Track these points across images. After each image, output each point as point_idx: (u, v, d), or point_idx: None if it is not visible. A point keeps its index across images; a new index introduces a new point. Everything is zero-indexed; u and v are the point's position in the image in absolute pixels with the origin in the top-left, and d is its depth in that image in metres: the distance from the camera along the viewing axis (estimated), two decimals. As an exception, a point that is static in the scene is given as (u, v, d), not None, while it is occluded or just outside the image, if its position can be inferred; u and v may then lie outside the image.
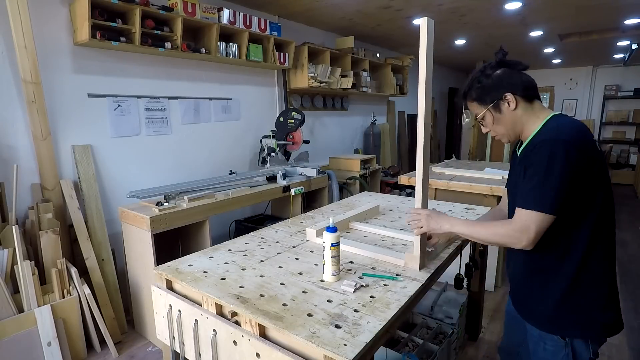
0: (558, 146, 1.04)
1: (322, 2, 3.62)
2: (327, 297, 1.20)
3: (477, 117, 1.27)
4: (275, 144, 3.60)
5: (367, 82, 5.00)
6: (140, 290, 2.47)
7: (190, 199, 2.47)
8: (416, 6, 3.83)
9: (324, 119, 5.01)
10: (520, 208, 1.10)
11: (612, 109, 8.28)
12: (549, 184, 1.04)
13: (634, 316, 2.78)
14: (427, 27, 1.21)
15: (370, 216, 2.12)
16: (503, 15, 4.21)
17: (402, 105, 6.80)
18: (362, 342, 0.96)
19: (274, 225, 2.00)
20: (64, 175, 2.55)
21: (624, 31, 4.81)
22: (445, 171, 3.50)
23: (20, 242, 2.04)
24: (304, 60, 4.03)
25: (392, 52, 6.25)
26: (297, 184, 3.24)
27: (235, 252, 1.61)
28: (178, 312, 1.33)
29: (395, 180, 5.10)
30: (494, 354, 2.33)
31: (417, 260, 1.41)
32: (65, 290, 2.22)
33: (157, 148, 3.11)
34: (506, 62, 1.22)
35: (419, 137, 1.30)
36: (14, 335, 1.99)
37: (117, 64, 2.79)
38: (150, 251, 2.24)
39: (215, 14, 3.14)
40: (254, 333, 1.12)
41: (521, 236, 1.09)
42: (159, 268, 1.44)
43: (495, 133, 1.28)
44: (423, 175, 1.33)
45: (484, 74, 1.22)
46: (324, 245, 1.29)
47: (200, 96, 3.40)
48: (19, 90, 2.32)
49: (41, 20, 2.38)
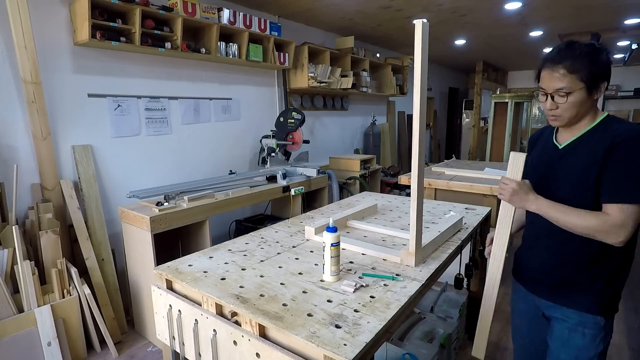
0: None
1: (322, 2, 3.62)
2: (327, 297, 1.20)
3: (562, 89, 1.16)
4: (275, 144, 3.60)
5: (367, 82, 5.00)
6: (140, 290, 2.47)
7: (190, 199, 2.47)
8: (416, 6, 3.83)
9: (324, 119, 5.01)
10: (617, 203, 1.09)
11: (612, 109, 8.28)
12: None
13: (634, 317, 2.78)
14: (421, 29, 1.21)
15: (368, 214, 2.12)
16: (503, 15, 4.21)
17: (402, 105, 6.80)
18: (362, 342, 0.96)
19: (274, 225, 2.00)
20: (64, 175, 2.55)
21: (624, 31, 4.81)
22: (445, 171, 3.50)
23: (20, 242, 2.04)
24: (304, 60, 4.03)
25: (392, 52, 6.25)
26: (297, 184, 3.24)
27: (235, 252, 1.61)
28: (178, 312, 1.33)
29: (395, 180, 5.10)
30: (494, 353, 2.33)
31: (413, 257, 1.41)
32: (65, 290, 2.22)
33: (157, 148, 3.11)
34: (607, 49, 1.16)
35: (414, 138, 1.30)
36: (14, 335, 1.99)
37: (117, 64, 2.79)
38: (150, 251, 2.24)
39: (215, 14, 3.14)
40: (254, 333, 1.12)
41: (619, 231, 1.08)
42: (159, 268, 1.44)
43: (561, 112, 1.20)
44: (418, 174, 1.34)
45: (594, 51, 1.14)
46: (324, 245, 1.29)
47: (200, 96, 3.40)
48: (19, 90, 2.32)
49: (41, 20, 2.38)
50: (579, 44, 1.15)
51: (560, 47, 1.19)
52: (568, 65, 1.14)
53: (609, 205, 1.10)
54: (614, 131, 1.13)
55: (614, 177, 1.10)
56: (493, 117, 5.85)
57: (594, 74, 1.13)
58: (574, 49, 1.15)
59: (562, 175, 1.23)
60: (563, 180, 1.23)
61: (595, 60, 1.13)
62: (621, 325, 2.66)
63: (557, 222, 1.18)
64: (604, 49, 1.16)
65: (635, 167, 1.07)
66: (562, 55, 1.16)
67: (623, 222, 1.07)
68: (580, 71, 1.13)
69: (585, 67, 1.13)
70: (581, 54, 1.13)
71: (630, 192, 1.07)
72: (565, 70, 1.14)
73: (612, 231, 1.08)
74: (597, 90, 1.15)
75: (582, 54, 1.13)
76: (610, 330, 1.24)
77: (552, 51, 1.20)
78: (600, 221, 1.10)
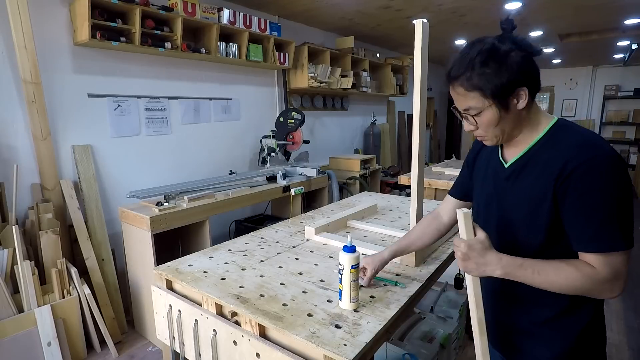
0: (611, 165, 0.83)
1: (322, 2, 3.62)
2: (327, 297, 1.20)
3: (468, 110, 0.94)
4: (275, 144, 3.60)
5: (367, 82, 5.00)
6: (140, 290, 2.47)
7: (190, 199, 2.47)
8: (416, 6, 3.83)
9: (324, 119, 5.01)
10: (595, 253, 0.85)
11: (612, 109, 8.27)
12: (622, 215, 0.83)
13: (633, 316, 2.78)
14: (421, 29, 1.21)
15: (368, 214, 2.12)
16: (503, 15, 4.20)
17: (402, 105, 6.80)
18: (362, 342, 0.96)
19: (274, 225, 2.00)
20: (64, 175, 2.55)
21: (624, 31, 4.81)
22: (445, 171, 3.50)
23: (20, 242, 2.04)
24: (304, 60, 4.03)
25: (392, 52, 6.25)
26: (297, 184, 3.24)
27: (235, 252, 1.61)
28: (178, 312, 1.33)
29: (395, 180, 5.10)
30: (494, 354, 2.32)
31: (413, 257, 1.41)
32: (65, 290, 2.22)
33: (157, 148, 3.11)
34: (520, 42, 0.90)
35: (414, 138, 1.31)
36: (14, 335, 1.99)
37: (117, 64, 2.79)
38: (150, 251, 2.24)
39: (215, 14, 3.14)
40: (254, 333, 1.12)
41: (613, 287, 0.85)
42: (159, 268, 1.44)
43: (483, 133, 0.97)
44: (418, 175, 1.33)
45: (493, 55, 0.88)
46: (341, 268, 1.11)
47: (200, 96, 3.40)
48: (19, 90, 2.32)
49: (41, 20, 2.38)
50: (474, 50, 0.91)
51: (455, 56, 0.95)
52: (464, 83, 0.91)
53: (586, 254, 0.86)
54: (563, 149, 0.89)
55: (580, 221, 0.86)
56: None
57: (500, 86, 0.88)
58: (467, 59, 0.91)
59: (509, 205, 0.99)
60: (512, 212, 0.98)
61: (498, 67, 0.88)
62: (621, 325, 2.66)
63: (534, 285, 0.90)
64: (516, 42, 0.89)
65: (602, 201, 0.83)
66: (456, 69, 0.93)
67: (614, 275, 0.84)
68: (481, 87, 0.89)
69: (480, 77, 0.89)
70: (476, 64, 0.89)
71: (607, 237, 0.83)
72: (462, 88, 0.92)
73: (605, 288, 0.86)
74: (518, 100, 0.90)
75: (477, 63, 0.89)
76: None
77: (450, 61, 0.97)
78: (588, 279, 0.85)
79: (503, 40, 0.90)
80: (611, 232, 0.83)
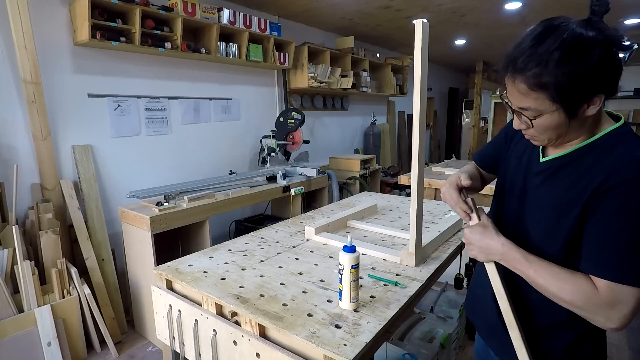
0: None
1: (322, 2, 3.62)
2: (327, 297, 1.20)
3: (525, 110, 0.78)
4: (275, 144, 3.60)
5: (367, 82, 5.00)
6: (140, 290, 2.47)
7: (190, 199, 2.47)
8: (416, 6, 3.83)
9: (324, 119, 5.01)
10: (603, 279, 0.75)
11: (612, 109, 8.20)
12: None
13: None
14: (421, 29, 1.20)
15: (368, 214, 2.12)
16: (503, 15, 4.21)
17: (402, 105, 6.80)
18: (362, 342, 0.96)
19: (274, 225, 2.00)
20: (64, 175, 2.55)
21: (624, 31, 4.81)
22: (445, 171, 3.50)
23: (20, 242, 2.04)
24: (304, 60, 4.03)
25: (392, 52, 6.25)
26: (297, 184, 3.24)
27: (235, 252, 1.61)
28: (178, 312, 1.33)
29: (395, 180, 5.10)
30: (494, 354, 2.32)
31: (413, 257, 1.41)
32: (65, 290, 2.22)
33: (157, 148, 3.11)
34: (610, 34, 0.72)
35: (414, 138, 1.30)
36: (14, 335, 1.99)
37: (117, 64, 2.79)
38: (150, 251, 2.24)
39: (215, 14, 3.14)
40: (254, 333, 1.12)
41: (610, 315, 0.74)
42: (159, 268, 1.44)
43: (535, 133, 0.82)
44: (418, 175, 1.33)
45: (575, 51, 0.70)
46: (341, 268, 1.11)
47: (200, 96, 3.40)
48: (19, 90, 2.32)
49: (41, 20, 2.38)
50: (551, 39, 0.72)
51: (523, 39, 0.76)
52: (531, 80, 0.74)
53: (600, 280, 0.76)
54: (614, 159, 0.76)
55: (601, 240, 0.75)
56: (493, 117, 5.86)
57: (575, 93, 0.72)
58: (542, 47, 0.72)
59: (533, 202, 0.89)
60: (534, 213, 0.89)
61: (579, 69, 0.70)
62: (621, 325, 2.66)
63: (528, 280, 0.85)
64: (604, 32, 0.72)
65: (634, 227, 0.71)
66: (524, 61, 0.74)
67: (614, 302, 0.73)
68: (552, 87, 0.72)
69: (560, 83, 0.71)
70: (551, 61, 0.71)
71: (623, 267, 0.73)
72: (527, 86, 0.75)
73: (600, 313, 0.76)
74: (590, 105, 0.76)
75: (553, 60, 0.71)
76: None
77: (514, 44, 0.78)
78: (584, 296, 0.76)
79: (589, 27, 0.71)
80: (628, 263, 0.73)
